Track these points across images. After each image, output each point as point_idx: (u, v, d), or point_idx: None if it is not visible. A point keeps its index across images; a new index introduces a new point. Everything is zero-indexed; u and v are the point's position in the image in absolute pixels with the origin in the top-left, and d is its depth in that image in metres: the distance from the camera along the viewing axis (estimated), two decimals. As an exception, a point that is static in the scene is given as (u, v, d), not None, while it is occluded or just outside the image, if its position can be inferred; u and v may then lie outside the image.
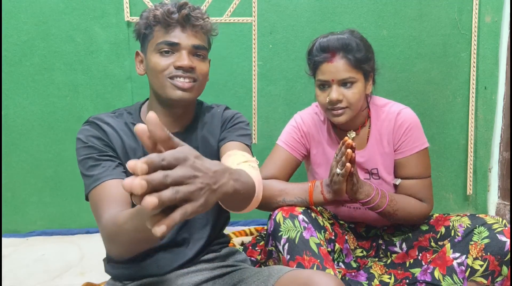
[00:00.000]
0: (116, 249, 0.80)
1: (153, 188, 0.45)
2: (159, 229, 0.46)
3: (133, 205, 0.87)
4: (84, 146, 0.92)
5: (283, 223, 1.06)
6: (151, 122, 0.48)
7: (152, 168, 0.46)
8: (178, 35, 0.93)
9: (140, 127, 0.49)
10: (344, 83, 1.13)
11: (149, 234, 0.66)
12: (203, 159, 0.54)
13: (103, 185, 0.86)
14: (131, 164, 0.44)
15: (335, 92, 1.12)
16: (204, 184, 0.51)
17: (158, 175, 0.45)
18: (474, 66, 1.86)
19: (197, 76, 0.95)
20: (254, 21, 1.81)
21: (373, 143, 1.23)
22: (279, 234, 1.05)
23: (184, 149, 0.51)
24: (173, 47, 0.93)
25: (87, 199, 0.91)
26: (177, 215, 0.47)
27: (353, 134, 1.24)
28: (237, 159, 0.90)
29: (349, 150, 1.02)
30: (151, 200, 0.43)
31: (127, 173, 0.94)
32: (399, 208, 1.15)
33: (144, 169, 0.44)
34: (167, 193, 0.45)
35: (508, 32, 1.84)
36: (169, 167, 0.47)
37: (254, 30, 1.81)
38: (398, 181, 1.23)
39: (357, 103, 1.15)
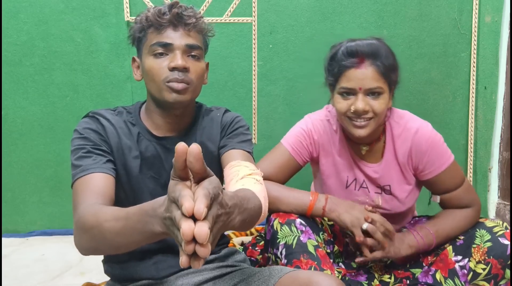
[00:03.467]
0: (86, 243, 0.75)
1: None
2: (200, 263, 0.50)
3: (115, 203, 0.85)
4: (79, 137, 0.91)
5: (280, 230, 1.04)
6: (193, 155, 0.51)
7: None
8: (170, 35, 0.91)
9: (181, 147, 0.51)
10: (371, 92, 1.04)
11: (129, 240, 0.66)
12: (223, 191, 0.57)
13: (89, 176, 0.84)
14: (196, 209, 0.48)
15: (361, 102, 1.02)
16: (223, 221, 0.55)
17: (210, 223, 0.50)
18: (474, 66, 1.86)
19: (191, 79, 0.92)
20: (254, 21, 1.81)
21: (388, 159, 1.16)
22: (277, 241, 1.04)
23: (215, 181, 0.54)
24: (167, 48, 0.91)
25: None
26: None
27: (366, 148, 1.16)
28: (241, 171, 0.88)
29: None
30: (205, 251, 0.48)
31: (117, 170, 0.93)
32: (448, 232, 1.11)
33: (205, 213, 0.49)
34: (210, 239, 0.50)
35: (508, 32, 1.84)
36: (211, 202, 0.52)
37: (254, 30, 1.81)
38: (438, 199, 1.17)
39: (382, 115, 1.06)
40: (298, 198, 1.08)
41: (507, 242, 1.01)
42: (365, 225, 1.04)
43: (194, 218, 0.48)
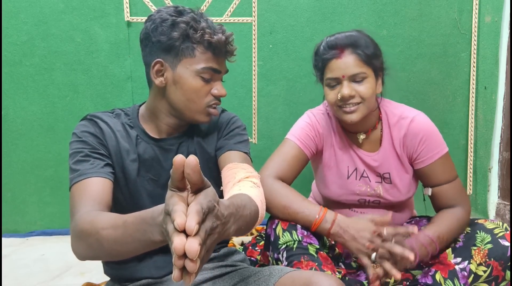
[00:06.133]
0: (83, 250, 0.75)
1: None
2: (191, 279, 0.50)
3: (113, 208, 0.85)
4: (77, 140, 0.91)
5: (282, 236, 1.05)
6: (190, 167, 0.51)
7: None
8: (222, 64, 0.95)
9: (179, 159, 0.51)
10: (355, 78, 1.08)
11: (128, 249, 0.66)
12: (219, 202, 0.57)
13: (86, 181, 0.84)
14: (188, 225, 0.48)
15: (346, 88, 1.07)
16: (218, 233, 0.55)
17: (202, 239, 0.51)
18: (474, 66, 1.86)
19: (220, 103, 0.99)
20: (254, 21, 1.81)
21: (386, 147, 1.18)
22: (278, 246, 1.05)
23: (211, 194, 0.54)
24: (215, 75, 0.94)
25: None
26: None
27: (363, 136, 1.19)
28: (238, 174, 0.89)
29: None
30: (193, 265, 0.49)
31: (116, 174, 0.93)
32: (447, 236, 1.10)
33: (197, 230, 0.49)
34: (201, 254, 0.50)
35: (508, 32, 1.84)
36: (204, 217, 0.52)
37: (254, 30, 1.81)
38: (429, 191, 1.17)
39: (370, 98, 1.09)
40: (305, 215, 1.06)
41: (508, 244, 1.01)
42: (373, 256, 1.01)
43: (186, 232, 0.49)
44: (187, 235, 0.49)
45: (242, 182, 0.86)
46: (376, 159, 1.19)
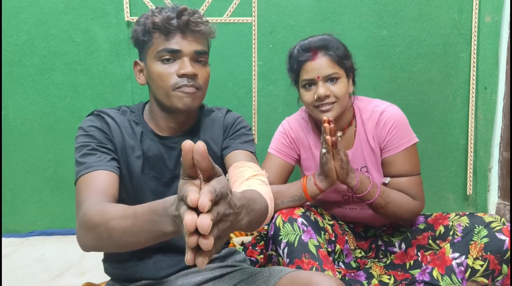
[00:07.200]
0: (90, 241, 0.75)
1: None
2: (204, 261, 0.49)
3: (118, 202, 0.85)
4: (84, 134, 0.92)
5: (283, 227, 1.06)
6: (199, 153, 0.51)
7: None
8: (179, 42, 0.91)
9: (187, 145, 0.51)
10: (329, 79, 1.14)
11: (137, 240, 0.66)
12: (232, 192, 0.57)
13: (93, 174, 0.85)
14: (201, 202, 0.48)
15: (321, 88, 1.13)
16: (231, 222, 0.55)
17: (214, 217, 0.50)
18: (474, 66, 1.86)
19: (199, 84, 0.93)
20: (254, 21, 1.81)
21: (359, 142, 1.23)
22: (279, 238, 1.06)
23: (224, 181, 0.54)
24: (175, 55, 0.91)
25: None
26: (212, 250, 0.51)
27: (339, 133, 1.20)
28: (246, 172, 0.89)
29: (326, 125, 1.04)
30: (208, 242, 0.48)
31: (121, 168, 0.93)
32: (390, 201, 1.15)
33: (209, 207, 0.48)
34: (213, 233, 0.50)
35: (508, 32, 1.84)
36: (217, 199, 0.52)
37: (254, 30, 1.81)
38: (387, 180, 1.21)
39: (344, 97, 1.16)
40: (295, 186, 1.15)
41: (504, 238, 1.02)
42: (324, 150, 1.10)
43: (199, 212, 0.49)
44: (198, 215, 0.49)
45: (250, 180, 0.87)
46: (351, 154, 1.22)
